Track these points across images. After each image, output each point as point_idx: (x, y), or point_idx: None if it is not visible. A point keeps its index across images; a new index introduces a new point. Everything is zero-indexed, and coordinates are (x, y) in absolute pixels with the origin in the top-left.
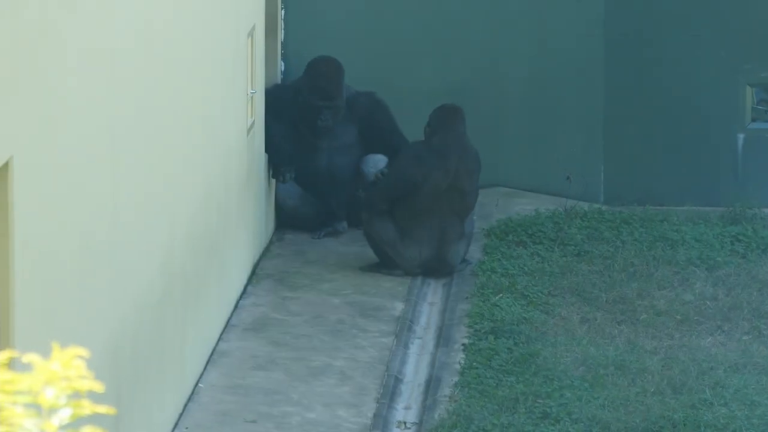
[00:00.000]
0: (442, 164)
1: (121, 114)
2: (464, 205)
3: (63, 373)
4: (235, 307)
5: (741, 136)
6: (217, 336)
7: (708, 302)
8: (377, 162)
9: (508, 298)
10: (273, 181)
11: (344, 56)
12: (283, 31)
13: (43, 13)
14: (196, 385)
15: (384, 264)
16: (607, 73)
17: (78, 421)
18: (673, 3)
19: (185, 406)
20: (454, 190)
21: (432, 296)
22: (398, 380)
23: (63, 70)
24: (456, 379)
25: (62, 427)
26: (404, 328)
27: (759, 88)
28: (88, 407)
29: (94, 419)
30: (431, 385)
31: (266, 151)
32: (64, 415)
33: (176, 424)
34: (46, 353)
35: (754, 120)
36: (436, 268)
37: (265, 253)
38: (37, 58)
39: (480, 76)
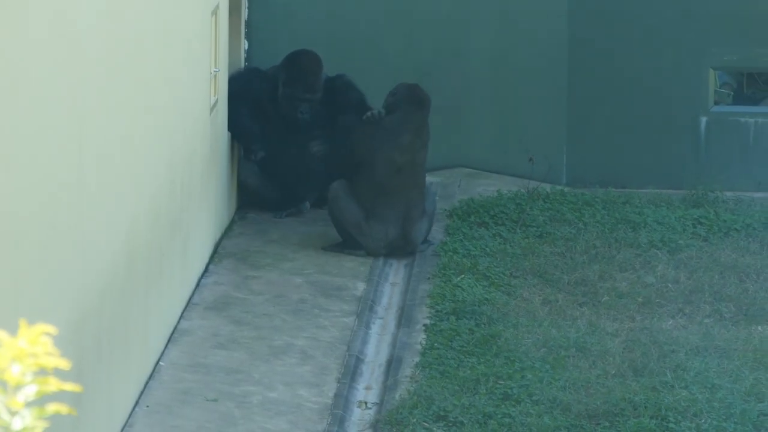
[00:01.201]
0: (394, 141)
1: (84, 90)
2: (423, 179)
3: (29, 350)
4: (197, 285)
5: (704, 119)
6: (178, 314)
7: (670, 285)
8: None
9: (469, 279)
10: (236, 160)
11: (308, 35)
12: (246, 9)
13: None
14: (157, 363)
15: (347, 244)
16: (571, 54)
17: (42, 398)
18: None
19: (146, 384)
20: (412, 166)
21: (394, 276)
22: (359, 360)
23: (26, 43)
24: (417, 359)
25: (27, 404)
26: (366, 308)
27: (722, 72)
28: (54, 384)
29: (56, 396)
30: (392, 365)
31: (234, 131)
32: (30, 391)
33: (137, 402)
34: (10, 330)
35: (717, 103)
36: (401, 246)
37: (227, 232)
38: (1, 33)
39: (443, 57)
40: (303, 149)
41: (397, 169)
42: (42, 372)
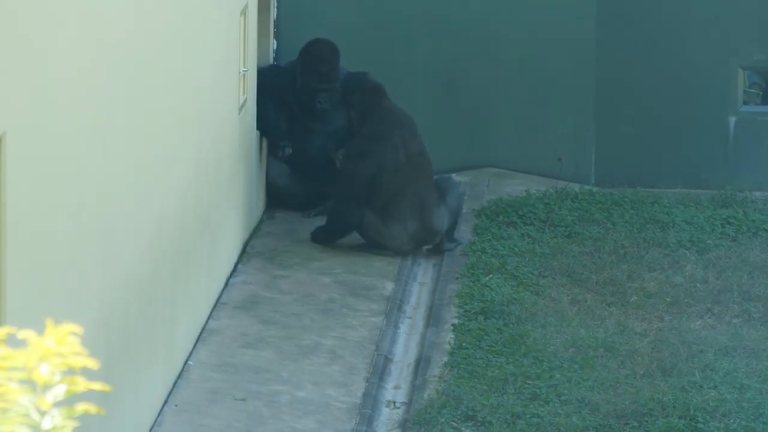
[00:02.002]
0: (386, 146)
1: (113, 91)
2: (428, 165)
3: (57, 349)
4: (225, 285)
5: (733, 119)
6: (207, 314)
7: (698, 285)
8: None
9: (498, 278)
10: (264, 159)
11: (337, 36)
12: (275, 8)
13: None
14: (186, 362)
15: (373, 245)
16: (599, 54)
17: (71, 398)
18: None
19: (175, 383)
20: (408, 159)
21: (422, 276)
22: (388, 360)
23: (55, 47)
24: (445, 359)
25: (56, 404)
26: (394, 307)
27: (751, 71)
28: (82, 384)
29: (84, 396)
30: (421, 365)
31: (261, 127)
32: (59, 391)
33: (166, 401)
34: (37, 330)
35: (745, 103)
36: (425, 237)
37: (256, 232)
38: (29, 35)
39: (472, 57)
40: (327, 145)
41: (395, 169)
42: (70, 372)
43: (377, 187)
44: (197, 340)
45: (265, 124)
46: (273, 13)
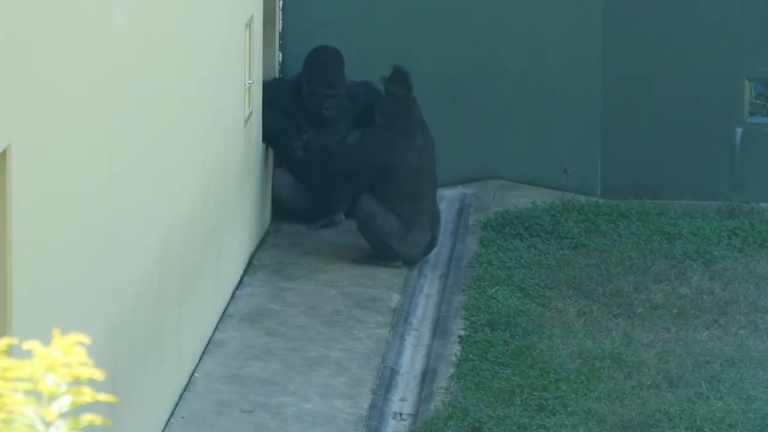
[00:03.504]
0: (411, 144)
1: (119, 103)
2: (436, 175)
3: (63, 360)
4: (232, 297)
5: (739, 130)
6: (213, 326)
7: (704, 296)
8: None
9: (504, 290)
10: (270, 171)
11: (342, 47)
12: (281, 21)
13: (41, 4)
14: (192, 374)
15: (383, 256)
16: (605, 65)
17: (76, 409)
18: None
19: (181, 395)
20: (428, 167)
21: (428, 288)
22: (394, 372)
23: (60, 59)
24: (452, 371)
25: (62, 415)
26: (400, 319)
27: (757, 83)
28: (88, 395)
29: (90, 407)
30: (427, 376)
31: (269, 135)
32: (64, 402)
33: (172, 414)
34: (43, 341)
35: (752, 114)
36: (429, 251)
37: (262, 244)
38: (35, 45)
39: (477, 68)
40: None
41: (417, 172)
42: (76, 382)
43: (395, 183)
44: (203, 352)
45: (273, 130)
46: (278, 26)
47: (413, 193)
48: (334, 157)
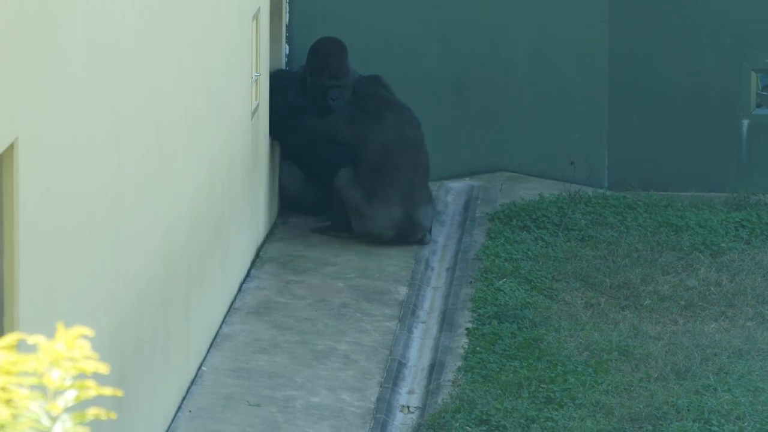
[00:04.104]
0: (377, 122)
1: (125, 96)
2: (425, 161)
3: (67, 353)
4: (239, 290)
5: (746, 122)
6: (220, 319)
7: (712, 288)
8: None
9: (511, 282)
10: (277, 164)
11: (349, 40)
12: (287, 14)
13: None
14: (200, 368)
15: (335, 227)
16: (612, 57)
17: (83, 403)
18: None
19: (188, 389)
20: (406, 145)
21: (436, 280)
22: (402, 364)
23: (66, 52)
24: (459, 363)
25: (67, 409)
26: (408, 312)
27: (764, 74)
28: (93, 389)
29: (97, 401)
30: (434, 369)
31: (279, 113)
32: (70, 396)
33: (179, 407)
34: (50, 335)
35: (758, 106)
36: (409, 230)
37: (269, 237)
38: (40, 40)
39: (484, 60)
40: (338, 148)
41: (383, 146)
42: (81, 376)
43: (362, 159)
44: (211, 346)
45: (283, 108)
46: (285, 18)
47: (379, 169)
48: (298, 130)
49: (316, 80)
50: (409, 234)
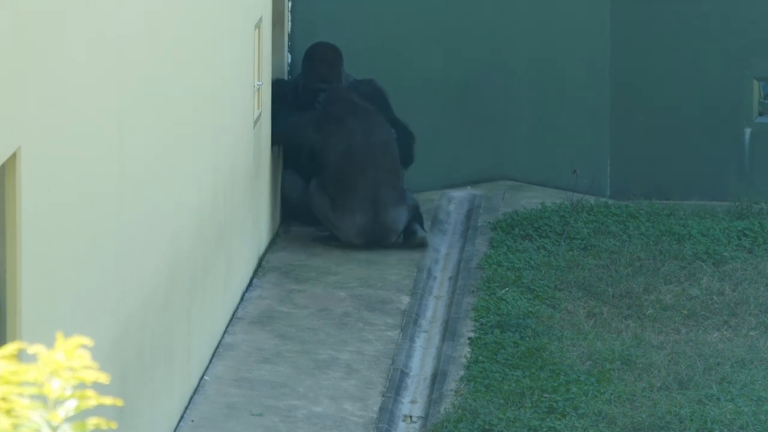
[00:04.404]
0: (339, 129)
1: (128, 105)
2: (390, 161)
3: (67, 363)
4: (241, 299)
5: (748, 131)
6: (222, 328)
7: (715, 297)
8: None
9: (514, 291)
10: (279, 173)
11: (350, 48)
12: (290, 22)
13: (50, 4)
14: (202, 377)
15: (333, 236)
16: (614, 66)
17: (83, 413)
18: None
19: (191, 398)
20: (369, 149)
21: (438, 290)
22: (404, 374)
23: (70, 61)
24: (462, 373)
25: (68, 419)
26: (410, 321)
27: (766, 83)
28: (93, 398)
29: (99, 410)
30: (437, 379)
31: (279, 126)
32: (70, 406)
33: (182, 417)
34: (53, 343)
35: (761, 114)
36: (378, 234)
37: (271, 246)
38: (45, 49)
39: (486, 69)
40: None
41: (348, 155)
42: (81, 386)
43: (325, 166)
44: (213, 355)
45: (279, 119)
46: (287, 27)
47: (342, 177)
48: (273, 135)
49: (307, 83)
50: (380, 238)
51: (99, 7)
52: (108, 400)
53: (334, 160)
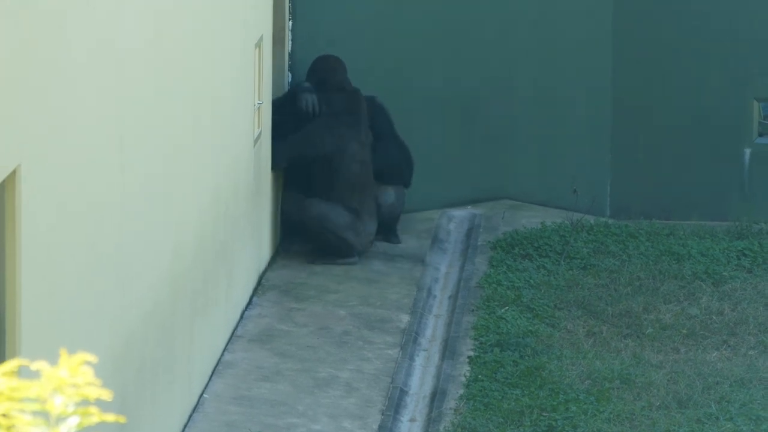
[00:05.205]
0: (355, 136)
1: (129, 123)
2: (371, 172)
3: (71, 380)
4: (241, 317)
5: (748, 151)
6: (222, 347)
7: (714, 317)
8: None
9: (513, 311)
10: (279, 192)
11: (353, 66)
12: (290, 41)
13: (50, 21)
14: (201, 395)
15: (340, 253)
16: (615, 85)
17: (84, 430)
18: (682, 17)
19: (190, 416)
20: (366, 162)
21: (438, 308)
22: (403, 392)
23: (71, 79)
24: (461, 391)
25: None
26: (410, 340)
27: (766, 103)
28: (96, 415)
29: (99, 428)
30: (436, 397)
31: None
32: (72, 423)
33: None
34: (52, 361)
35: (761, 135)
36: (371, 241)
37: (271, 264)
38: (45, 67)
39: (487, 89)
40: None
41: (362, 164)
42: (84, 402)
43: (343, 174)
44: (213, 373)
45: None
46: (288, 46)
47: (359, 183)
48: (279, 148)
49: (301, 90)
50: (370, 244)
51: (100, 25)
52: (110, 417)
53: (351, 167)
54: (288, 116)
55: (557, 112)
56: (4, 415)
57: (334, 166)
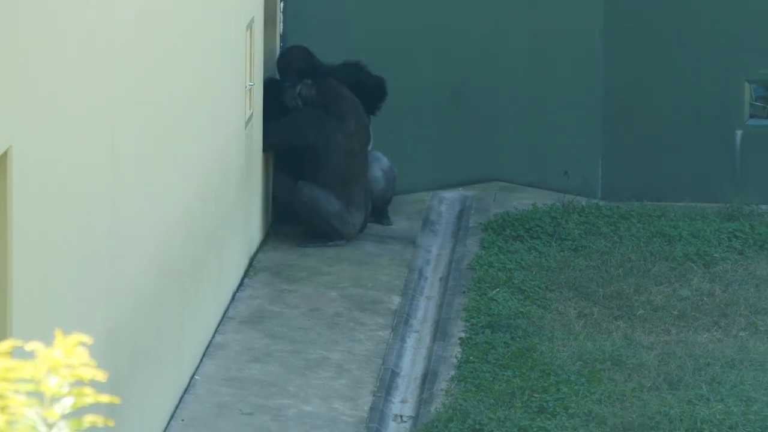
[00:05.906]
0: (342, 127)
1: (120, 104)
2: (367, 166)
3: (65, 360)
4: (232, 299)
5: (739, 133)
6: (213, 328)
7: (705, 298)
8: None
9: (505, 292)
10: (270, 174)
11: (342, 49)
12: (282, 23)
13: (43, 4)
14: (193, 376)
15: (330, 236)
16: (606, 68)
17: (79, 410)
18: None
19: (181, 397)
20: (360, 153)
21: (429, 290)
22: (395, 374)
23: (62, 61)
24: (452, 373)
25: (64, 416)
26: (401, 321)
27: (757, 85)
28: (91, 396)
29: (92, 408)
30: (428, 378)
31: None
32: (67, 403)
33: (173, 416)
34: (44, 342)
35: (752, 116)
36: (363, 229)
37: (263, 246)
38: (37, 48)
39: (478, 71)
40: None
41: (348, 155)
42: (78, 383)
43: (329, 165)
44: (204, 355)
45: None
46: (279, 28)
47: (346, 174)
48: (265, 133)
49: (288, 79)
50: (362, 230)
51: (92, 7)
52: (105, 398)
53: (336, 158)
54: (273, 105)
55: (549, 94)
56: None
57: (320, 157)
